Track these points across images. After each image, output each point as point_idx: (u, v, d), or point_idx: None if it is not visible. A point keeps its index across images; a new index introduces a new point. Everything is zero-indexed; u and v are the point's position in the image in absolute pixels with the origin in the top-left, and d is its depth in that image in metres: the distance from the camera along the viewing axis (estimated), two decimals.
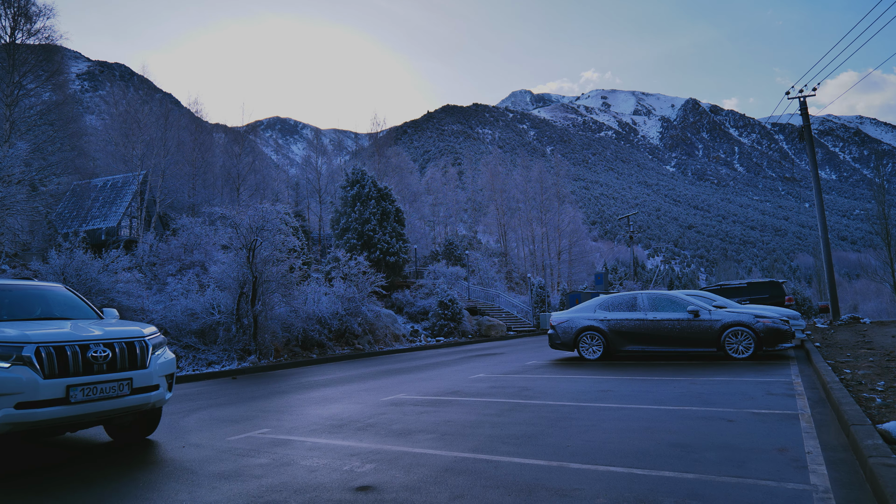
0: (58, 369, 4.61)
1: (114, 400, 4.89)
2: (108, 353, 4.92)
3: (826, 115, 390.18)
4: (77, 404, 4.64)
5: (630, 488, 3.63)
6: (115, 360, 4.99)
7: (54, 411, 4.52)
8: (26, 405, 4.41)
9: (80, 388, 4.66)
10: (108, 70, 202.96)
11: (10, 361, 4.48)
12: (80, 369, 4.72)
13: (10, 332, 4.73)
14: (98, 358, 4.84)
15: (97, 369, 4.84)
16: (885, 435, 4.19)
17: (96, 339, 4.97)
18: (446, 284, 26.86)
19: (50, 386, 4.52)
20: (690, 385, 8.10)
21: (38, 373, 4.49)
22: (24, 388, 4.40)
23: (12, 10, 26.57)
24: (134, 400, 5.07)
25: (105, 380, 4.85)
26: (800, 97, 23.83)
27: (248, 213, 15.48)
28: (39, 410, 4.45)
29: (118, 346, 5.06)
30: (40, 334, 4.74)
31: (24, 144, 22.24)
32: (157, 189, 31.34)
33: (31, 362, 4.52)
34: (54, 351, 4.63)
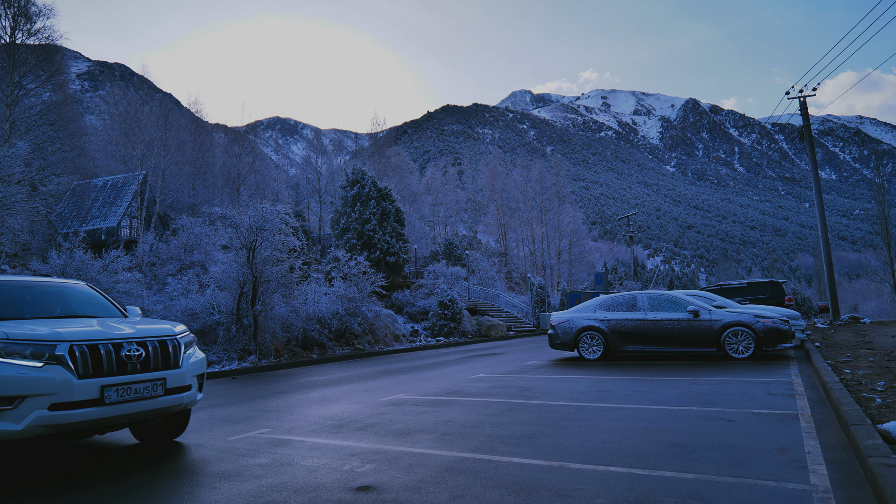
0: (91, 369, 4.43)
1: (148, 401, 4.71)
2: (142, 352, 4.76)
3: (826, 115, 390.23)
4: (111, 405, 4.46)
5: (630, 488, 3.63)
6: (149, 360, 4.81)
7: (89, 413, 4.34)
8: (60, 406, 4.23)
9: (115, 389, 4.49)
10: (108, 70, 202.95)
11: (43, 360, 4.29)
12: (113, 369, 4.55)
13: (40, 330, 4.53)
14: (132, 357, 4.67)
15: (131, 369, 4.67)
16: (885, 435, 4.19)
17: (129, 337, 4.79)
18: (446, 284, 26.86)
19: (84, 386, 4.33)
20: (690, 385, 8.10)
21: (72, 372, 4.31)
22: (58, 389, 4.22)
23: (12, 10, 26.58)
24: (168, 401, 4.88)
25: (139, 380, 4.68)
26: (800, 97, 23.83)
27: (248, 213, 15.48)
28: (74, 412, 4.26)
29: (151, 344, 4.88)
30: (73, 332, 4.54)
31: (24, 144, 22.23)
32: (157, 189, 31.34)
33: (64, 361, 4.32)
34: (87, 350, 4.45)
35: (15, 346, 4.28)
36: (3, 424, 4.10)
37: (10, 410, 4.10)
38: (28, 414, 4.11)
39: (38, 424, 4.14)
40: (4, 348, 4.26)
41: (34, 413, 4.13)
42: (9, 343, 4.29)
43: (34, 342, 4.34)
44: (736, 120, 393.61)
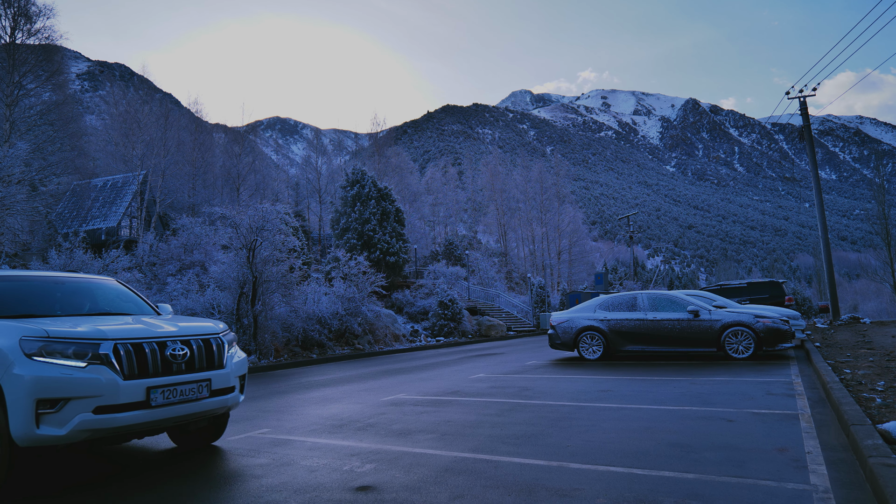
0: (137, 369, 4.16)
1: (193, 403, 4.44)
2: (186, 351, 4.49)
3: (826, 115, 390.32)
4: (157, 408, 4.19)
5: (630, 488, 3.63)
6: (193, 360, 4.54)
7: (135, 416, 4.07)
8: (105, 409, 3.95)
9: (161, 391, 4.22)
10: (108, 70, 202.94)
11: (86, 360, 4.01)
12: (158, 369, 4.28)
13: (81, 327, 4.24)
14: (177, 356, 4.41)
15: (176, 369, 4.40)
16: (885, 435, 4.19)
17: (173, 335, 4.53)
18: (446, 284, 26.87)
19: (130, 388, 4.05)
20: (690, 385, 8.10)
21: (117, 373, 4.04)
22: (104, 391, 3.94)
23: (12, 10, 26.58)
24: (212, 403, 4.61)
25: (184, 381, 4.40)
26: (800, 97, 23.84)
27: (248, 213, 15.49)
28: (119, 415, 3.99)
29: (195, 343, 4.62)
30: (116, 330, 4.28)
31: (24, 144, 22.24)
32: (157, 189, 31.34)
33: (108, 361, 4.05)
34: (132, 349, 4.19)
35: (56, 344, 4.01)
36: (45, 429, 3.83)
37: (53, 414, 3.84)
38: (72, 418, 3.85)
39: (82, 429, 3.88)
40: (45, 347, 3.99)
41: (78, 417, 3.86)
42: (50, 341, 4.02)
43: (76, 340, 4.07)
44: (736, 120, 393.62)
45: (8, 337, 4.05)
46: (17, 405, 3.79)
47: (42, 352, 3.96)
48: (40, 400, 3.80)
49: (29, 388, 3.79)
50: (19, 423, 3.79)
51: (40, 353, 3.95)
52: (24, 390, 3.79)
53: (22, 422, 3.78)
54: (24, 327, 4.09)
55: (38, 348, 3.96)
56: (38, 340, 4.00)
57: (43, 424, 3.82)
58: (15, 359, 3.88)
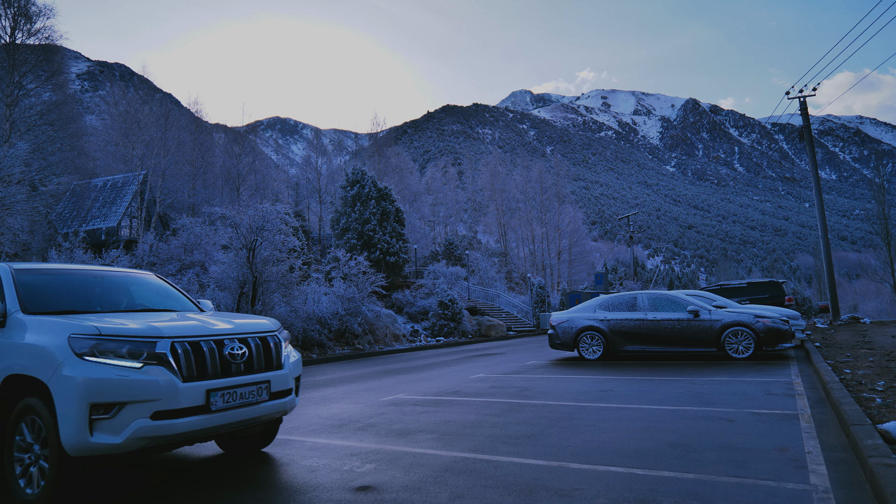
0: (195, 370, 3.82)
1: (252, 407, 4.09)
2: (245, 350, 4.16)
3: (826, 115, 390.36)
4: (217, 413, 3.84)
5: (630, 488, 3.63)
6: (252, 359, 4.21)
7: (194, 422, 3.71)
8: (164, 415, 3.60)
9: (221, 394, 3.87)
10: (108, 70, 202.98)
11: (142, 360, 3.66)
12: (217, 370, 3.94)
13: (133, 324, 3.90)
14: (235, 356, 4.07)
15: (235, 370, 4.06)
16: (884, 435, 4.19)
17: (230, 333, 4.18)
18: (446, 284, 26.87)
19: (190, 390, 3.71)
20: (690, 385, 8.10)
21: (175, 374, 3.69)
22: (162, 394, 3.59)
23: (12, 10, 26.58)
24: (271, 407, 4.27)
25: (244, 383, 4.06)
26: (800, 97, 23.83)
27: (248, 213, 15.50)
28: (178, 421, 3.64)
29: (253, 342, 4.28)
30: (171, 327, 3.95)
31: (24, 144, 22.25)
32: (157, 189, 31.34)
33: (166, 361, 3.71)
34: (190, 347, 3.85)
35: (109, 343, 3.66)
36: (99, 437, 3.48)
37: (107, 420, 3.49)
38: (128, 424, 3.50)
39: (138, 437, 3.52)
40: (97, 346, 3.64)
41: (135, 423, 3.51)
42: (102, 340, 3.67)
43: (131, 339, 3.72)
44: (736, 120, 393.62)
45: (55, 335, 3.73)
46: (68, 410, 3.45)
47: (94, 351, 3.62)
48: (94, 405, 3.46)
49: (82, 391, 3.45)
50: (71, 430, 3.44)
51: (92, 352, 3.62)
52: (77, 394, 3.44)
53: (74, 429, 3.43)
54: (72, 324, 3.77)
55: (90, 347, 3.63)
56: (89, 338, 3.66)
57: (97, 432, 3.48)
58: (64, 359, 3.56)
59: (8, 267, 4.56)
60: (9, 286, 4.36)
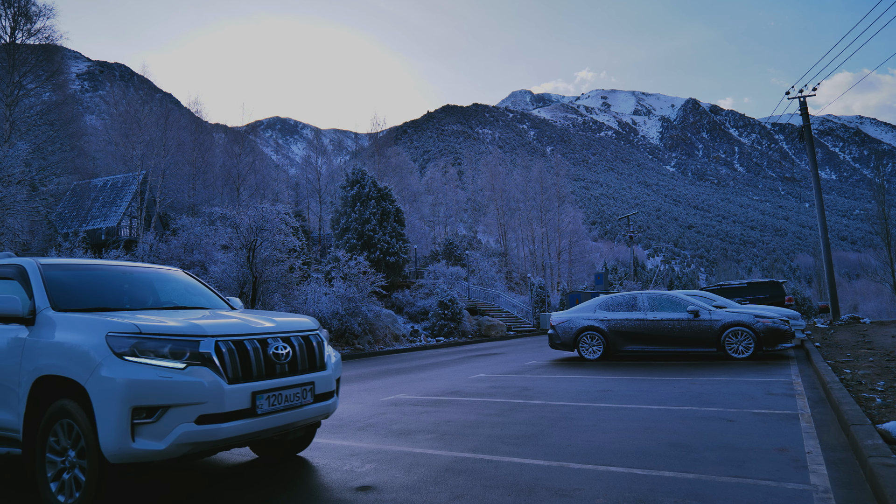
0: (241, 371, 3.60)
1: (297, 410, 3.87)
2: (289, 350, 3.93)
3: (826, 115, 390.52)
4: (263, 417, 3.61)
5: (630, 488, 3.63)
6: (296, 360, 3.99)
7: (239, 426, 3.48)
8: (209, 419, 3.37)
9: (266, 396, 3.65)
10: (108, 70, 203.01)
11: (185, 360, 3.43)
12: (262, 371, 3.72)
13: (172, 322, 3.67)
14: (280, 356, 3.84)
15: (279, 371, 3.84)
16: (885, 435, 4.19)
17: (273, 332, 3.96)
18: (446, 284, 26.87)
19: (235, 393, 3.48)
20: (690, 385, 8.10)
21: (220, 375, 3.46)
22: (208, 397, 3.36)
23: (12, 10, 26.60)
24: (315, 410, 4.05)
25: (289, 384, 3.84)
26: (800, 97, 23.83)
27: (248, 213, 15.51)
28: (224, 426, 3.40)
29: (296, 341, 4.06)
30: (214, 325, 3.71)
31: (24, 144, 22.26)
32: (157, 189, 31.35)
33: (210, 361, 3.48)
34: (234, 346, 3.63)
35: (150, 341, 3.44)
36: (142, 443, 3.25)
37: (150, 425, 3.27)
38: (172, 429, 3.28)
39: (183, 442, 3.30)
40: (138, 345, 3.41)
41: (179, 428, 3.28)
42: (143, 338, 3.44)
43: (173, 337, 3.49)
44: (736, 120, 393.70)
45: (91, 333, 3.51)
46: (108, 414, 3.23)
47: (134, 350, 3.39)
48: (136, 408, 3.24)
49: (123, 393, 3.22)
50: (112, 435, 3.21)
51: (132, 352, 3.38)
52: (118, 396, 3.22)
53: (115, 434, 3.21)
54: (110, 321, 3.54)
55: (130, 346, 3.39)
56: (129, 337, 3.43)
57: (139, 437, 3.25)
58: (102, 359, 3.34)
59: (35, 262, 4.34)
60: (37, 282, 4.13)
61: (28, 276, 4.21)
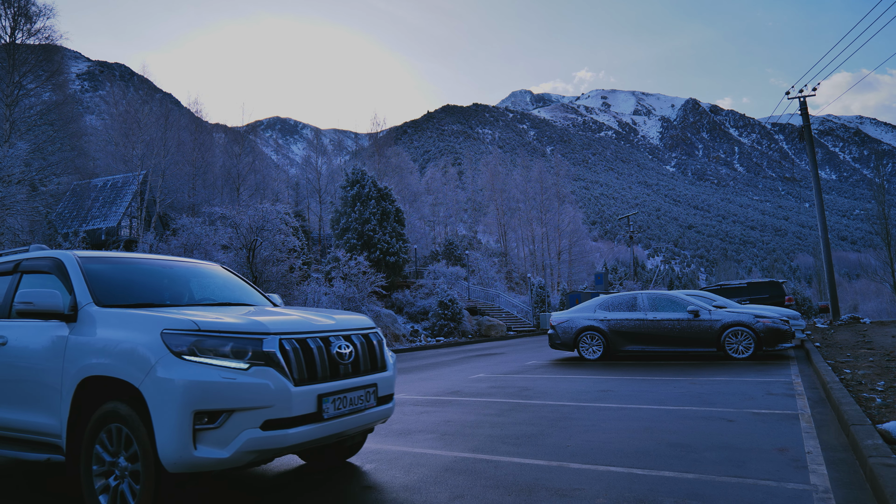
0: (306, 372, 3.35)
1: (360, 414, 3.62)
2: (351, 349, 3.69)
3: (826, 115, 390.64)
4: (329, 422, 3.37)
5: (630, 488, 3.63)
6: (358, 360, 3.75)
7: (306, 432, 3.23)
8: (275, 424, 3.12)
9: (332, 399, 3.40)
10: (108, 70, 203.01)
11: (247, 360, 3.16)
12: (327, 372, 3.47)
13: (230, 318, 3.39)
14: (343, 356, 3.59)
15: (343, 372, 3.59)
16: (885, 435, 4.19)
17: (334, 329, 3.70)
18: (446, 284, 26.87)
19: (302, 395, 3.22)
20: (690, 385, 8.10)
21: (287, 377, 3.20)
22: (274, 400, 3.11)
23: (12, 10, 26.61)
24: (377, 413, 3.82)
25: (353, 386, 3.59)
26: (800, 97, 23.84)
27: (248, 213, 15.51)
28: (290, 432, 3.15)
29: (357, 339, 3.81)
30: (275, 322, 3.43)
31: (24, 144, 22.25)
32: (157, 189, 31.35)
33: (275, 361, 3.21)
34: (298, 345, 3.37)
35: (209, 339, 3.17)
36: (204, 450, 2.99)
37: (213, 431, 3.01)
38: (236, 435, 3.02)
39: (248, 450, 3.03)
40: (197, 344, 3.14)
41: (244, 434, 3.02)
42: (202, 336, 3.18)
43: (235, 335, 3.21)
44: (736, 120, 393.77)
45: (144, 330, 3.25)
46: (167, 419, 2.97)
47: (194, 349, 3.12)
48: (198, 412, 2.98)
49: (183, 396, 2.97)
50: (171, 442, 2.95)
51: (192, 350, 3.12)
52: (178, 400, 2.96)
53: (175, 441, 2.95)
54: (165, 317, 3.28)
55: (189, 345, 3.13)
56: (187, 334, 3.17)
57: (201, 444, 2.98)
58: (159, 358, 3.08)
59: (73, 255, 4.08)
60: (77, 276, 3.86)
61: (66, 270, 3.94)
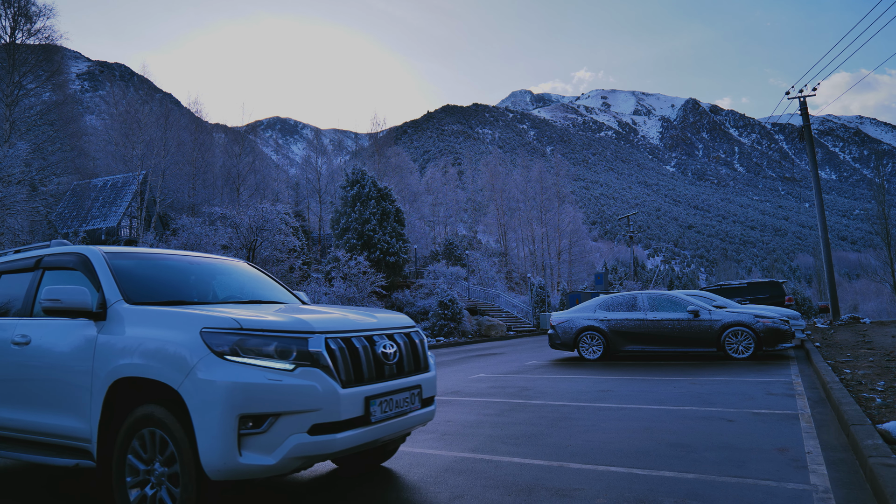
0: (353, 373, 3.18)
1: (405, 417, 3.47)
2: (395, 349, 3.53)
3: (826, 115, 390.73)
4: (375, 425, 3.20)
5: (630, 488, 3.63)
6: (402, 360, 3.58)
7: (353, 437, 3.06)
8: (323, 429, 2.96)
9: (379, 402, 3.24)
10: (108, 70, 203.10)
11: (292, 361, 2.98)
12: (373, 373, 3.31)
13: (273, 316, 3.23)
14: (388, 356, 3.43)
15: (388, 373, 3.43)
16: (885, 435, 4.19)
17: (377, 328, 3.53)
18: (446, 284, 26.87)
19: (350, 398, 3.06)
20: (690, 385, 8.10)
21: (334, 378, 3.03)
22: (322, 403, 2.94)
23: (12, 10, 26.62)
24: (421, 416, 3.66)
25: (399, 388, 3.43)
26: (800, 97, 23.83)
27: (248, 213, 15.52)
28: (339, 436, 2.99)
29: (399, 338, 3.64)
30: (319, 320, 3.26)
31: (24, 144, 22.25)
32: (157, 189, 31.36)
33: (322, 362, 3.04)
34: (344, 345, 3.20)
35: (252, 339, 2.99)
36: (250, 457, 2.82)
37: (259, 436, 2.84)
38: (283, 440, 2.86)
39: (295, 456, 2.87)
40: (240, 343, 2.97)
41: (291, 439, 2.86)
42: (245, 335, 3.00)
43: (278, 334, 3.04)
44: (736, 120, 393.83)
45: (181, 328, 3.08)
46: (210, 423, 2.79)
47: (236, 349, 2.94)
48: (243, 416, 2.81)
49: (227, 399, 2.80)
50: (214, 448, 2.78)
51: (234, 350, 2.94)
52: (221, 403, 2.79)
53: (219, 447, 2.77)
54: (204, 315, 3.09)
55: (232, 344, 2.95)
56: (229, 333, 2.99)
57: (246, 450, 2.81)
58: (200, 358, 2.91)
59: (99, 251, 3.90)
60: (104, 272, 3.68)
61: (93, 266, 3.75)
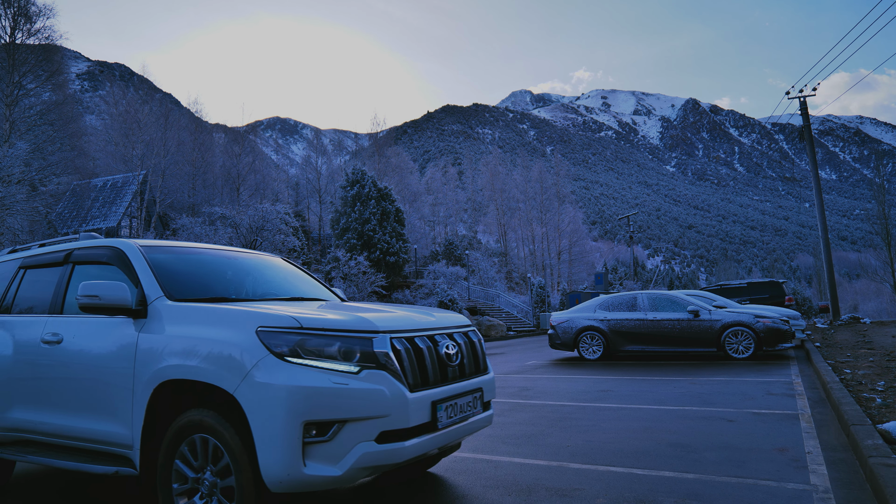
0: (419, 376, 2.96)
1: (467, 423, 3.25)
2: (457, 349, 3.31)
3: (826, 115, 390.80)
4: (442, 431, 2.98)
5: (630, 488, 3.63)
6: (463, 361, 3.37)
7: (421, 444, 2.83)
8: (391, 437, 2.72)
9: (444, 406, 3.02)
10: (108, 70, 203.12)
11: (356, 363, 2.74)
12: (438, 375, 3.09)
13: (333, 315, 2.95)
14: (451, 357, 3.22)
15: (451, 375, 3.20)
16: (885, 435, 4.19)
17: (437, 328, 3.31)
18: (446, 284, 26.88)
19: (418, 403, 2.83)
20: (690, 385, 8.10)
21: (402, 381, 2.80)
22: (391, 409, 2.71)
23: (12, 9, 26.61)
24: (481, 421, 3.45)
25: (462, 391, 3.22)
26: (800, 97, 23.83)
27: (248, 213, 15.52)
28: (407, 444, 2.75)
29: (460, 338, 3.43)
30: (381, 318, 3.01)
31: (24, 144, 22.25)
32: (157, 189, 31.35)
33: (388, 364, 2.80)
34: (409, 346, 2.98)
35: (314, 338, 2.74)
36: (315, 467, 2.58)
37: (324, 444, 2.61)
38: (349, 449, 2.62)
39: (362, 466, 2.63)
40: (301, 343, 2.72)
41: (358, 448, 2.62)
42: (306, 335, 2.74)
43: (341, 333, 2.79)
44: (736, 120, 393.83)
45: (235, 327, 2.82)
46: (271, 431, 2.56)
47: (297, 350, 2.69)
48: (307, 423, 2.58)
49: (290, 405, 2.56)
50: (276, 458, 2.54)
51: (295, 351, 2.69)
52: (284, 409, 2.56)
53: (282, 457, 2.54)
54: (260, 313, 2.84)
55: (292, 345, 2.70)
56: (289, 332, 2.74)
57: (310, 460, 2.58)
58: (257, 360, 2.66)
59: (135, 244, 3.65)
60: (142, 267, 3.43)
61: (129, 261, 3.50)
